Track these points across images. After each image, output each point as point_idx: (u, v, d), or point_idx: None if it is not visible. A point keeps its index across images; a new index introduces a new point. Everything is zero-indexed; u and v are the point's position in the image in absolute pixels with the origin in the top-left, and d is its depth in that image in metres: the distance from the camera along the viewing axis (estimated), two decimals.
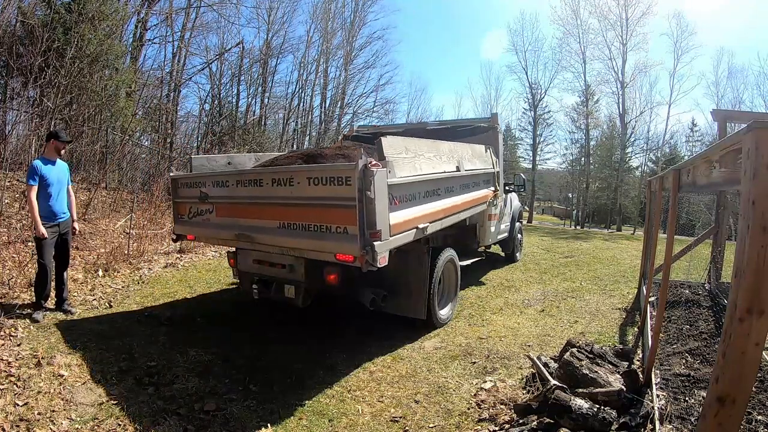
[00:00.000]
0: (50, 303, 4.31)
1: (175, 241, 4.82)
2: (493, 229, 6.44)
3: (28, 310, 4.10)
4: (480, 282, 6.36)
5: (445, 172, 4.22)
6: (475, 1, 53.10)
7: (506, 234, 7.42)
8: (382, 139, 3.20)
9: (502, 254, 8.00)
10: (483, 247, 6.67)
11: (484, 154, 5.68)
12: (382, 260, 3.09)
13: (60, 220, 4.20)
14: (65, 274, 4.36)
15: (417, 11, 51.34)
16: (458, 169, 4.54)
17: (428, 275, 4.08)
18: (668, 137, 28.06)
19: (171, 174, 4.77)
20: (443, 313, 4.50)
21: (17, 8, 9.53)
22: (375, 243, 2.98)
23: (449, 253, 4.59)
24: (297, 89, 23.02)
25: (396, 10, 47.48)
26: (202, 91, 22.23)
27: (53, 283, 4.28)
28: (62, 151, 4.27)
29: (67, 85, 9.14)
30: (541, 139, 30.80)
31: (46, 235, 3.98)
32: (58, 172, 4.20)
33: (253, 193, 3.68)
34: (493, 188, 5.89)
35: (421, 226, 3.67)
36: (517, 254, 8.21)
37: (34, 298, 4.20)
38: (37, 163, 4.07)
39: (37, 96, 9.44)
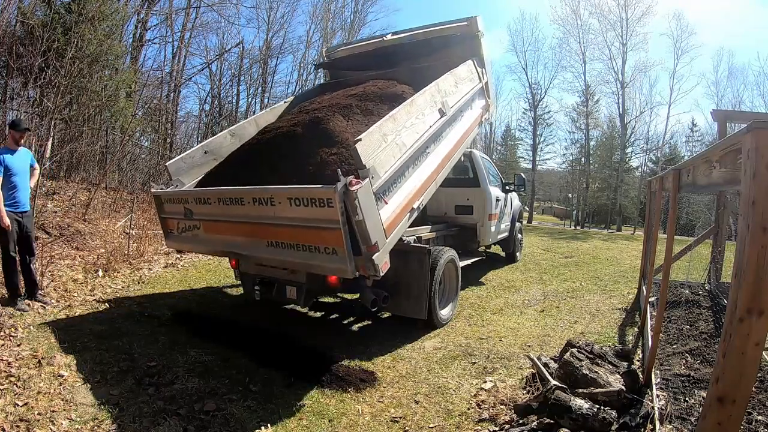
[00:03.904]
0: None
1: (179, 251, 4.79)
2: (493, 228, 6.40)
3: (9, 307, 4.09)
4: (480, 282, 6.36)
5: (430, 127, 3.95)
6: (475, 1, 53.02)
7: (506, 234, 7.38)
8: (357, 146, 2.94)
9: (503, 254, 7.98)
10: (483, 247, 6.67)
11: (468, 71, 5.05)
12: (385, 266, 3.05)
13: (23, 210, 4.22)
14: (33, 265, 4.35)
15: (417, 11, 51.28)
16: (443, 113, 4.21)
17: (429, 276, 4.05)
18: (668, 137, 28.16)
19: (152, 190, 4.58)
20: (444, 313, 4.50)
21: (17, 8, 9.54)
22: (374, 256, 2.92)
23: (450, 253, 4.57)
24: (297, 89, 23.03)
25: (396, 10, 47.57)
26: (202, 91, 22.30)
27: (21, 275, 4.29)
28: (21, 141, 4.25)
29: (67, 86, 9.14)
30: (541, 140, 30.87)
31: (9, 226, 3.99)
32: (20, 161, 4.20)
33: (236, 212, 3.54)
34: (484, 102, 5.49)
35: (415, 205, 3.58)
36: (518, 254, 8.17)
37: (7, 292, 4.22)
38: (1, 154, 4.05)
39: (37, 96, 9.45)
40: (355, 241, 2.91)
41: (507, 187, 7.25)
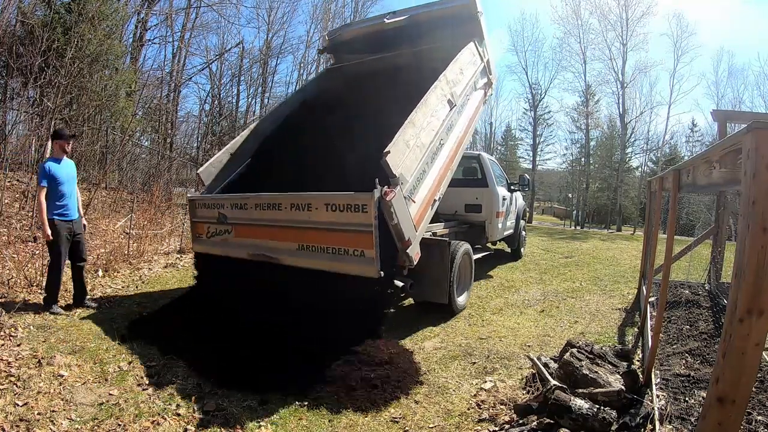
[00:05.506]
0: (63, 300, 4.44)
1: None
2: (500, 225, 6.80)
3: (37, 309, 4.14)
4: (480, 282, 6.36)
5: (443, 122, 4.17)
6: None
7: (512, 230, 7.80)
8: (387, 158, 3.23)
9: (508, 250, 8.33)
10: (490, 243, 7.01)
11: (471, 54, 5.06)
12: (416, 256, 3.48)
13: (73, 218, 4.30)
14: (83, 271, 4.50)
15: None
16: (452, 104, 4.37)
17: (449, 266, 4.40)
18: (668, 137, 28.18)
19: (188, 195, 4.86)
20: (460, 299, 4.91)
21: (17, 8, 9.54)
22: (408, 249, 3.36)
23: (466, 246, 4.95)
24: (297, 89, 23.03)
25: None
26: (202, 91, 22.36)
27: (71, 282, 4.46)
28: (67, 147, 4.33)
29: (67, 85, 9.14)
30: (541, 140, 30.91)
31: (51, 237, 4.07)
32: (67, 170, 4.30)
33: (272, 217, 3.82)
34: (486, 80, 5.58)
35: (437, 197, 3.99)
36: (522, 250, 8.58)
37: (45, 294, 4.29)
38: (47, 165, 4.17)
39: (37, 96, 9.45)
40: (391, 240, 3.28)
41: (512, 187, 7.63)
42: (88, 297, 4.53)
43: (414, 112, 3.70)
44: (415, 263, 3.43)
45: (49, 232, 4.04)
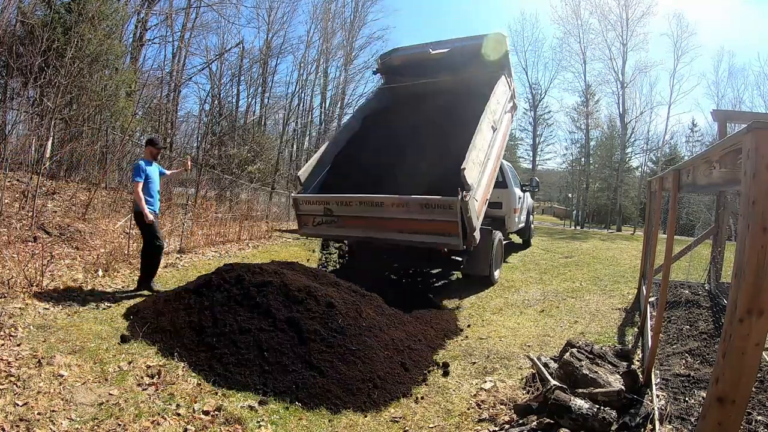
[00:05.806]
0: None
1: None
2: (516, 219, 8.20)
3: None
4: (480, 281, 6.35)
5: (489, 142, 5.43)
6: (475, 1, 52.99)
7: (523, 224, 9.19)
8: (464, 173, 4.45)
9: (519, 240, 9.87)
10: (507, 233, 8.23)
11: (504, 85, 6.30)
12: (478, 238, 4.84)
13: (157, 210, 5.03)
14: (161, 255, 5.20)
15: (416, 11, 51.35)
16: (495, 129, 5.65)
17: (491, 248, 5.86)
18: (668, 137, 28.14)
19: (292, 195, 5.91)
20: (496, 273, 6.37)
21: (17, 8, 9.53)
22: (474, 233, 4.69)
23: (500, 234, 6.46)
24: (297, 89, 23.09)
25: (395, 10, 47.94)
26: (202, 91, 22.38)
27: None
28: (158, 156, 5.18)
29: (67, 85, 9.13)
30: (541, 140, 30.90)
31: (153, 221, 4.82)
32: (154, 172, 5.05)
33: (375, 213, 4.97)
34: (512, 104, 6.98)
35: (488, 197, 5.37)
36: (531, 240, 10.33)
37: (142, 274, 5.07)
38: (142, 163, 4.87)
39: (37, 96, 9.43)
40: (464, 227, 4.58)
41: (524, 188, 8.89)
42: (152, 280, 5.13)
43: (474, 138, 4.87)
44: (477, 243, 4.80)
45: (151, 217, 4.78)
